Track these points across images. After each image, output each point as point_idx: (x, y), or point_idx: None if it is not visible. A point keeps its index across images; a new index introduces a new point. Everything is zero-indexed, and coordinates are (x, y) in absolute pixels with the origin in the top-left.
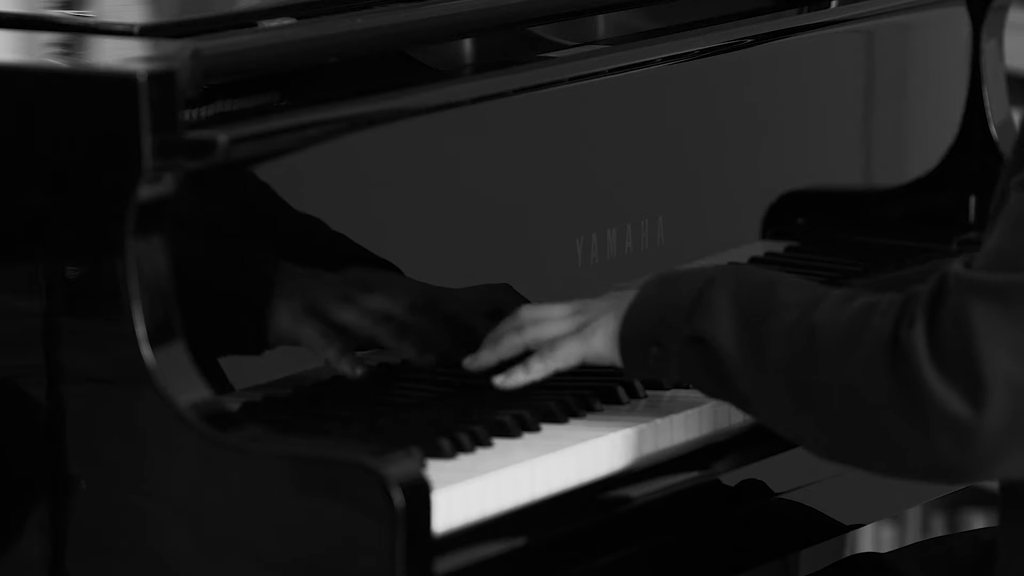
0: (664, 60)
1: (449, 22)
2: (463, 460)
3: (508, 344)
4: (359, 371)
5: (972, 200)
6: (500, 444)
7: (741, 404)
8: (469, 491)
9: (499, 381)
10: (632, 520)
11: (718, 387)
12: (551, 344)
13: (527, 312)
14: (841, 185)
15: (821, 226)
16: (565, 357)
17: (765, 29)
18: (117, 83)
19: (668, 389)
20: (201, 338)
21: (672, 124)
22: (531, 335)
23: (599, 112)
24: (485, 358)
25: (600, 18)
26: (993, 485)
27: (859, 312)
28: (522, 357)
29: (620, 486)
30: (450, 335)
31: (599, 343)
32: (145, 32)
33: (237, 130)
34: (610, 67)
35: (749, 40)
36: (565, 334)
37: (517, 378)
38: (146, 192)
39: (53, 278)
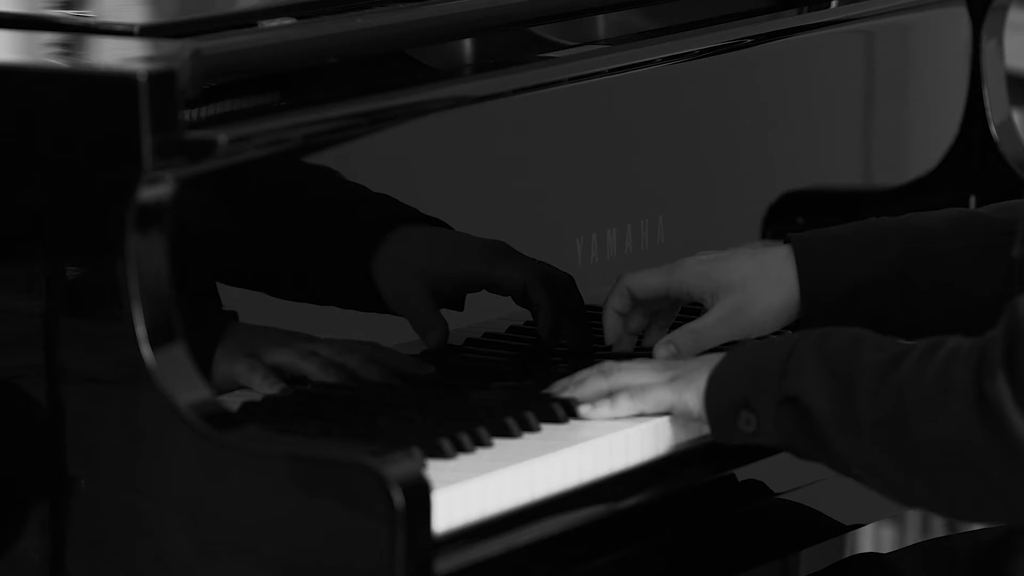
0: (664, 60)
1: (449, 22)
2: (463, 460)
3: (592, 387)
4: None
5: (972, 200)
6: (500, 444)
7: (840, 466)
8: (469, 491)
9: (584, 411)
10: (632, 520)
11: (815, 449)
12: (642, 387)
13: (613, 362)
14: (841, 185)
15: (821, 226)
16: (656, 402)
17: (765, 29)
18: (117, 83)
19: None
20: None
21: (672, 124)
22: (618, 380)
23: (599, 112)
24: (563, 396)
25: (600, 18)
26: None
27: (942, 365)
28: None
29: (620, 486)
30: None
31: (690, 398)
32: (145, 32)
33: (237, 130)
34: (610, 67)
35: (749, 40)
36: (655, 382)
37: (602, 411)
38: (146, 192)
39: (53, 278)
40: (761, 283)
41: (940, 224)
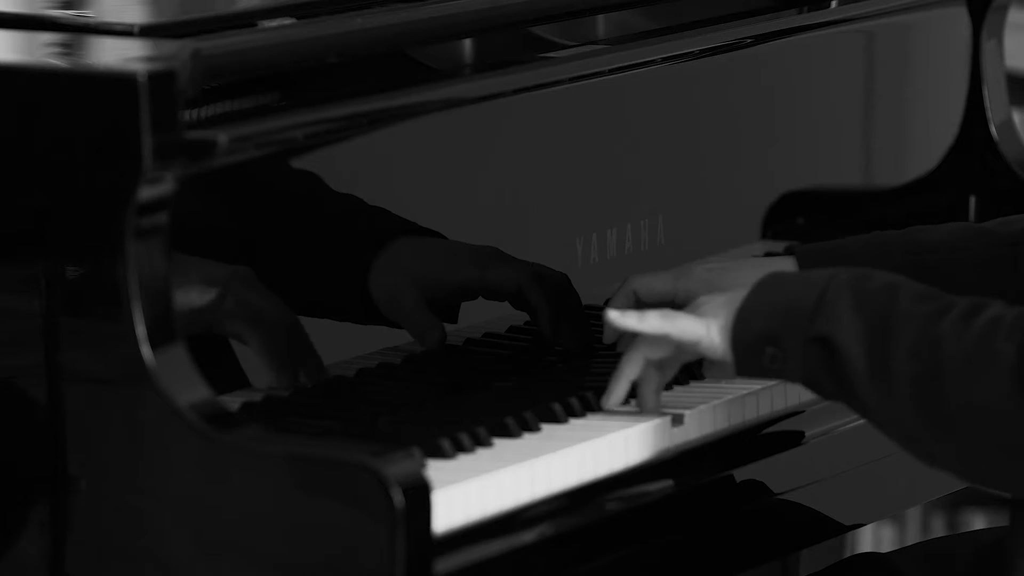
0: (664, 60)
1: (449, 22)
2: (463, 460)
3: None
4: None
5: (972, 200)
6: (500, 444)
7: (862, 411)
8: (469, 491)
9: (613, 317)
10: (632, 520)
11: (839, 390)
12: (672, 312)
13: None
14: (841, 185)
15: (821, 226)
16: (683, 330)
17: (765, 29)
18: (117, 83)
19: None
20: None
21: (672, 124)
22: (648, 323)
23: (599, 112)
24: (623, 325)
25: (600, 18)
26: None
27: (983, 332)
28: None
29: (620, 486)
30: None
31: (716, 333)
32: (145, 32)
33: (237, 130)
34: (610, 67)
35: (749, 40)
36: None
37: (629, 321)
38: (146, 192)
39: (53, 278)
40: None
41: (943, 237)
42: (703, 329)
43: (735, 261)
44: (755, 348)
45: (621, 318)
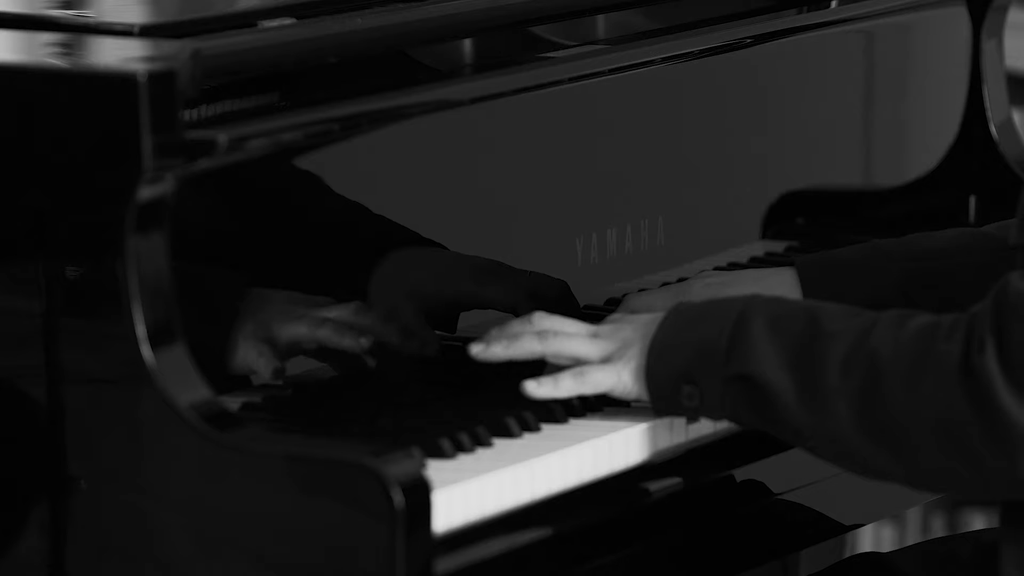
0: (664, 60)
1: (449, 22)
2: (463, 460)
3: (527, 347)
4: (279, 380)
5: (972, 200)
6: (500, 444)
7: (791, 437)
8: (469, 491)
9: (531, 389)
10: (632, 520)
11: (766, 423)
12: (582, 370)
13: (544, 320)
14: (841, 185)
15: (821, 226)
16: (595, 384)
17: (765, 29)
18: (117, 83)
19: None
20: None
21: (672, 124)
22: (553, 347)
23: (599, 112)
24: (496, 352)
25: (600, 18)
26: None
27: (920, 336)
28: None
29: (620, 486)
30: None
31: (628, 378)
32: (145, 32)
33: (237, 130)
34: (610, 67)
35: (749, 40)
36: (592, 358)
37: (545, 390)
38: (146, 192)
39: (53, 278)
40: None
41: (942, 243)
42: (613, 377)
43: (735, 275)
44: (671, 387)
45: (539, 388)
